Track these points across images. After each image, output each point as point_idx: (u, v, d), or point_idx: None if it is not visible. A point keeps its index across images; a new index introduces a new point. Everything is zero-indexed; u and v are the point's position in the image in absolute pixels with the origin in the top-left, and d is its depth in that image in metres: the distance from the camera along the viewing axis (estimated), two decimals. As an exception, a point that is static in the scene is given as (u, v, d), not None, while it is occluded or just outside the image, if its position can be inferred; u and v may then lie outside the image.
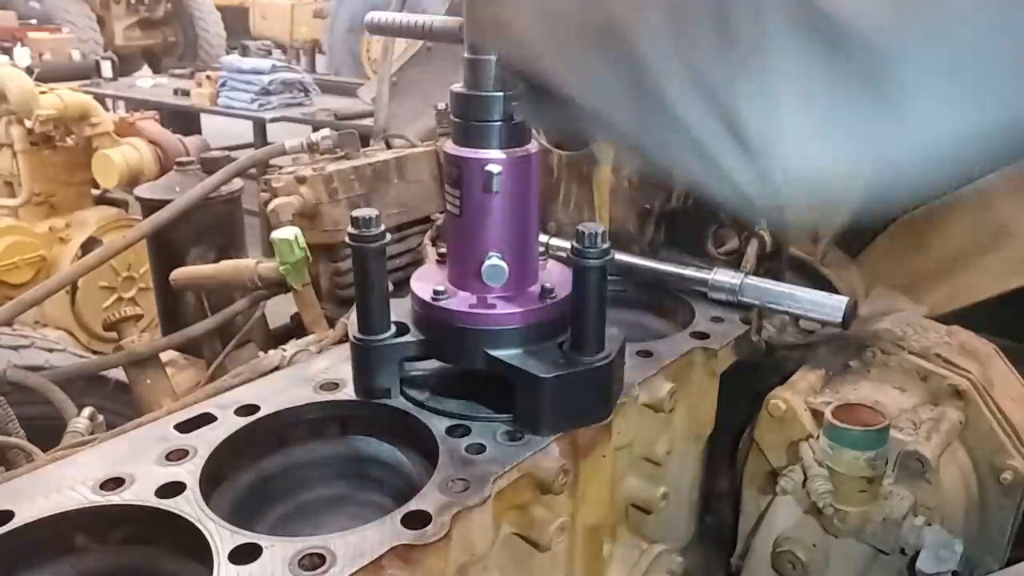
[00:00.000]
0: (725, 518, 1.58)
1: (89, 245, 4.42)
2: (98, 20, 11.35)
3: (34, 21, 11.05)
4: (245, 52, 7.60)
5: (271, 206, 2.11)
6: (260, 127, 7.31)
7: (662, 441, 1.32)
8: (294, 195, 2.16)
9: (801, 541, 1.32)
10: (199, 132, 7.29)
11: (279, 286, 2.06)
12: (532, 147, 1.10)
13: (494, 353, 1.08)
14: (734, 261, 1.52)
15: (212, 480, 1.00)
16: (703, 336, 1.39)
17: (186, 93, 7.90)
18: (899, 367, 1.44)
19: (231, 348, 2.25)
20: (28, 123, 4.34)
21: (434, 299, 1.11)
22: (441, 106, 2.49)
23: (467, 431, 1.06)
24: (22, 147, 4.42)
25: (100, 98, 6.68)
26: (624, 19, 0.80)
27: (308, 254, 1.97)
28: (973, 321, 1.56)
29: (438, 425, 1.07)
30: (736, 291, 1.42)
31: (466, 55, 1.06)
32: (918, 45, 0.65)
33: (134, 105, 7.58)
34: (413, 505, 0.92)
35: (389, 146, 2.55)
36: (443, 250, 1.21)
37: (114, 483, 0.95)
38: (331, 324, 1.96)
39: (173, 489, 0.94)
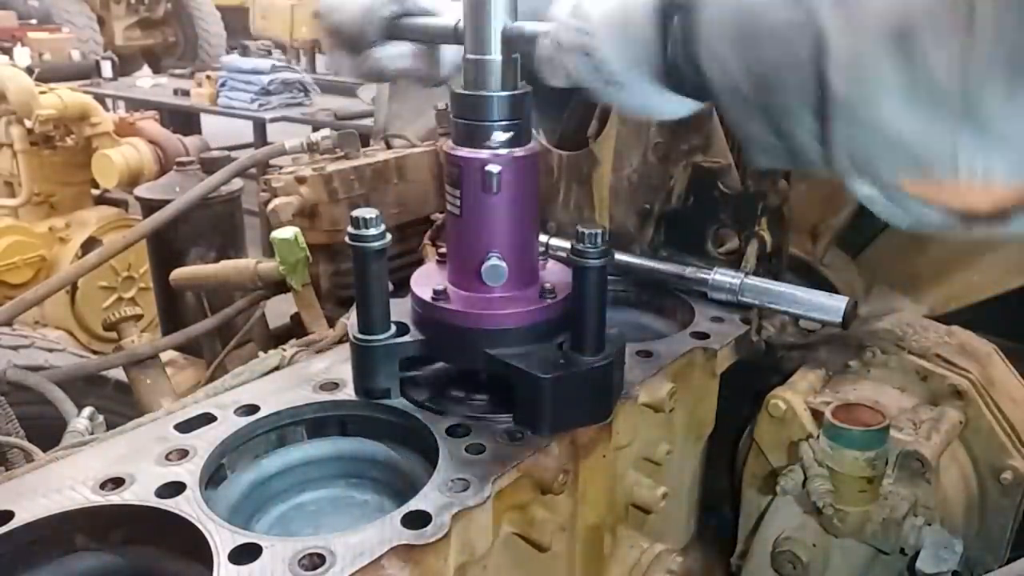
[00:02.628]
0: (725, 518, 1.58)
1: (89, 245, 4.43)
2: (98, 20, 11.36)
3: (34, 21, 11.07)
4: (245, 52, 7.61)
5: (271, 206, 2.11)
6: (260, 127, 7.31)
7: (662, 441, 1.32)
8: (294, 195, 2.16)
9: (801, 541, 1.32)
10: (199, 132, 7.30)
11: (279, 286, 2.06)
12: (532, 147, 1.09)
13: (494, 353, 1.08)
14: (734, 261, 1.52)
15: (212, 480, 1.01)
16: (703, 336, 1.39)
17: (186, 93, 7.91)
18: (899, 367, 1.44)
19: (231, 348, 2.26)
20: (28, 123, 4.35)
21: (434, 299, 1.11)
22: (441, 106, 2.49)
23: (467, 431, 1.06)
24: (22, 147, 4.42)
25: (100, 98, 6.69)
26: None
27: (308, 254, 1.97)
28: (973, 321, 1.56)
29: (438, 425, 1.07)
30: (736, 291, 1.42)
31: (466, 55, 1.06)
32: None
33: (134, 105, 7.59)
34: (413, 505, 0.92)
35: (389, 146, 2.55)
36: (443, 250, 1.21)
37: (114, 483, 0.95)
38: (331, 324, 1.96)
39: (173, 489, 0.94)
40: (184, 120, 7.75)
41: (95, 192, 4.84)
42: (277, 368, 1.39)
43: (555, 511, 1.06)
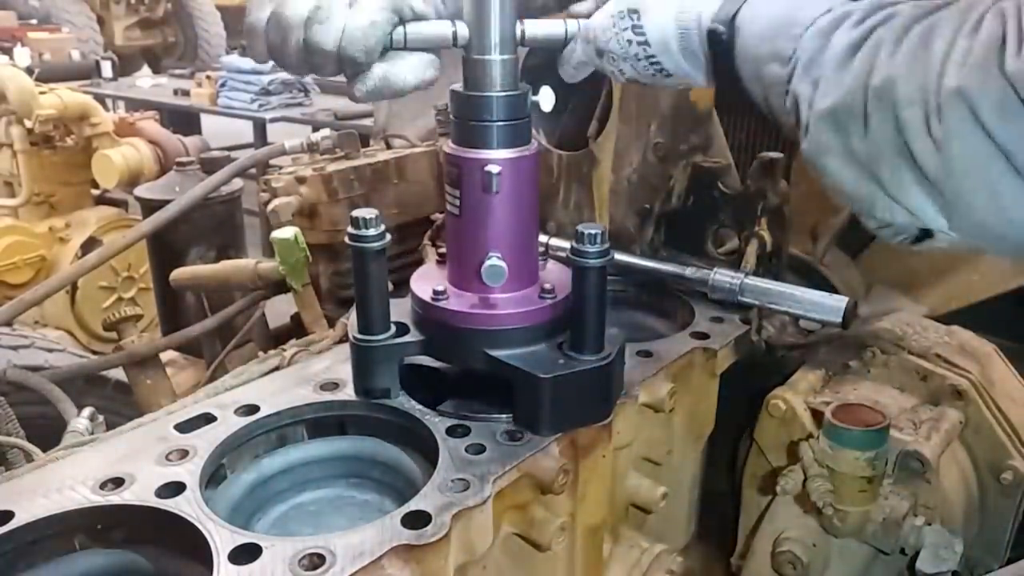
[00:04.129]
0: (725, 518, 1.58)
1: (89, 245, 4.42)
2: (98, 20, 11.36)
3: (34, 21, 11.06)
4: (245, 52, 7.58)
5: (271, 206, 2.11)
6: (260, 127, 7.31)
7: (662, 441, 1.32)
8: (294, 195, 2.16)
9: (801, 541, 1.32)
10: (199, 132, 7.29)
11: (279, 286, 2.06)
12: (532, 147, 1.09)
13: (494, 353, 1.08)
14: (734, 261, 1.52)
15: (212, 480, 1.01)
16: (703, 336, 1.39)
17: (186, 93, 7.90)
18: (899, 367, 1.44)
19: (231, 348, 2.25)
20: (28, 123, 4.35)
21: (434, 299, 1.11)
22: (441, 106, 2.49)
23: (467, 431, 1.06)
24: (22, 147, 4.42)
25: (100, 98, 6.70)
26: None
27: (308, 254, 1.97)
28: (973, 321, 1.56)
29: (438, 425, 1.07)
30: (736, 291, 1.42)
31: (466, 55, 1.06)
32: None
33: (134, 105, 7.59)
34: (413, 505, 0.92)
35: (389, 146, 2.55)
36: (443, 250, 1.21)
37: (114, 483, 0.95)
38: (331, 324, 1.96)
39: (173, 489, 0.94)
40: (184, 120, 7.74)
41: (95, 192, 4.84)
42: (277, 368, 1.39)
43: (555, 511, 1.06)
